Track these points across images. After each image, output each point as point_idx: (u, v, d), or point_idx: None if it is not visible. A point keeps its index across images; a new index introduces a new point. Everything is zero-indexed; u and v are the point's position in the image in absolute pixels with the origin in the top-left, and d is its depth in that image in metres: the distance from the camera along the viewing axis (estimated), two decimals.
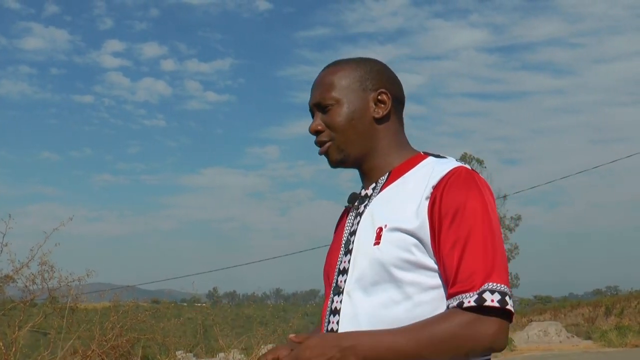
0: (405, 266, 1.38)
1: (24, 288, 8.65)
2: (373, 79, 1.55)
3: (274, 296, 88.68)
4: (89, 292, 10.49)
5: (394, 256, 1.39)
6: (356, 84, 1.54)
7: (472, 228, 1.36)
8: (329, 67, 1.59)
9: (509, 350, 19.72)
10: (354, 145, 1.53)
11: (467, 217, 1.36)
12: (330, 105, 1.54)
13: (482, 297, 1.31)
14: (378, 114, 1.54)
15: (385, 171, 1.54)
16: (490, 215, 1.39)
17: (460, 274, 1.34)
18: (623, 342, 20.23)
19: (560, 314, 34.42)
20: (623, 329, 21.97)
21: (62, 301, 9.51)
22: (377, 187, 1.54)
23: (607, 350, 19.03)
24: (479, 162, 35.44)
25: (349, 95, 1.53)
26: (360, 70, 1.55)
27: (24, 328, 7.99)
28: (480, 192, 1.40)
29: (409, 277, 1.39)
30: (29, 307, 8.81)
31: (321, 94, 1.55)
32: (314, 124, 1.56)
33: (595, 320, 30.60)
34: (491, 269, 1.33)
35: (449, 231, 1.36)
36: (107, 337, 8.95)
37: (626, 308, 30.21)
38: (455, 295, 1.34)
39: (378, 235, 1.43)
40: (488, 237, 1.36)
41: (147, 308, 11.14)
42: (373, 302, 1.41)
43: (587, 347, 21.05)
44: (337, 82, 1.54)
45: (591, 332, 25.22)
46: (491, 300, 1.31)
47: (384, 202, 1.49)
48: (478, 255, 1.34)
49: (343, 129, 1.53)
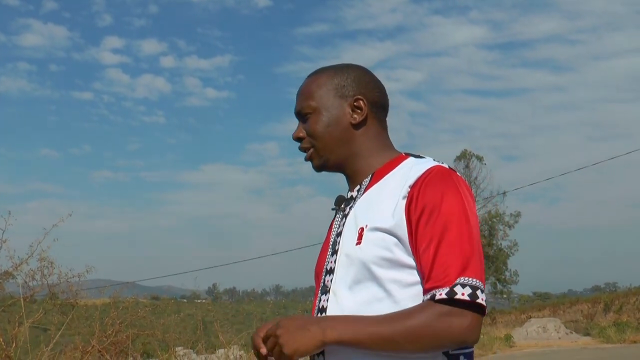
0: (385, 264, 1.43)
1: (23, 284, 8.68)
2: (349, 86, 1.61)
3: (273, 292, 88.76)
4: (89, 289, 10.54)
5: (374, 255, 1.44)
6: (332, 92, 1.60)
7: (448, 225, 1.39)
8: (310, 76, 1.66)
9: (507, 346, 19.77)
10: (333, 150, 1.60)
11: (442, 214, 1.40)
12: (308, 113, 1.61)
13: (453, 290, 1.35)
14: (355, 120, 1.59)
15: (369, 173, 1.59)
16: (467, 212, 1.42)
17: (434, 269, 1.37)
18: (621, 338, 20.26)
19: (559, 311, 34.53)
20: (621, 325, 22.01)
21: (62, 297, 9.54)
22: (361, 188, 1.59)
23: (605, 347, 19.07)
24: (479, 158, 35.40)
25: (326, 103, 1.60)
26: (337, 78, 1.61)
27: (24, 324, 7.98)
28: (457, 190, 1.44)
29: (390, 275, 1.43)
30: (29, 303, 8.83)
31: (300, 103, 1.63)
32: (296, 132, 1.65)
33: (594, 317, 30.66)
34: (465, 264, 1.37)
35: (425, 229, 1.40)
36: (107, 333, 8.97)
37: (625, 304, 30.30)
38: (430, 290, 1.37)
39: (360, 235, 1.48)
40: (464, 233, 1.40)
41: (147, 304, 11.18)
42: (357, 300, 1.45)
43: (585, 343, 21.09)
44: (315, 91, 1.61)
45: (590, 328, 25.27)
46: (462, 294, 1.34)
47: (366, 203, 1.54)
48: (453, 251, 1.38)
49: (320, 135, 1.60)
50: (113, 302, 9.85)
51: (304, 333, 1.38)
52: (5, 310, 8.86)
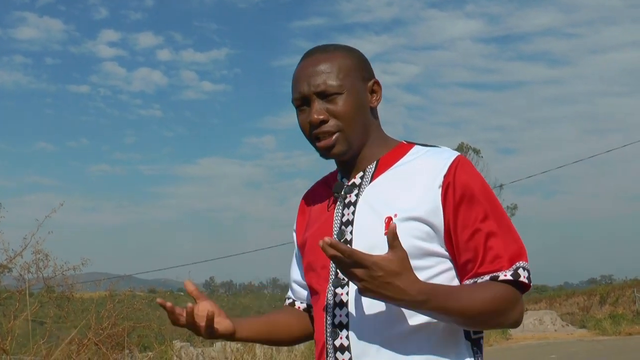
0: (418, 254, 1.38)
1: (18, 277, 8.66)
2: (365, 68, 1.52)
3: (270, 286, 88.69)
4: (85, 282, 10.52)
5: (409, 245, 1.35)
6: (355, 72, 1.49)
7: (493, 210, 1.42)
8: (321, 53, 1.50)
9: (504, 339, 19.82)
10: (358, 136, 1.49)
11: (485, 200, 1.42)
12: (336, 93, 1.46)
13: (517, 272, 1.38)
14: (373, 104, 1.52)
15: (373, 160, 1.52)
16: (496, 197, 1.47)
17: (489, 253, 1.39)
18: (617, 330, 20.34)
19: (555, 303, 34.62)
20: (617, 318, 22.08)
21: (58, 290, 9.51)
22: (366, 176, 1.51)
23: (601, 339, 19.12)
24: (476, 151, 35.47)
25: (354, 83, 1.48)
26: (354, 58, 1.51)
27: (19, 317, 7.95)
28: (482, 178, 1.47)
29: (421, 264, 1.38)
30: (25, 296, 8.80)
31: (327, 81, 1.46)
32: (318, 115, 1.46)
33: (589, 309, 30.78)
34: (520, 248, 1.41)
35: (470, 214, 1.40)
36: (103, 325, 8.94)
37: (620, 297, 30.39)
38: (485, 274, 1.38)
39: (387, 224, 1.41)
40: (506, 218, 1.44)
41: (143, 297, 11.15)
42: None
43: (581, 335, 21.16)
44: (341, 70, 1.47)
45: (586, 320, 25.36)
46: (524, 277, 1.39)
47: (383, 192, 1.46)
48: (506, 236, 1.41)
49: (352, 119, 1.46)
50: (109, 294, 9.81)
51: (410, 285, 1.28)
52: (1, 303, 8.82)
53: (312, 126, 1.47)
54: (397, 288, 1.27)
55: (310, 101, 1.47)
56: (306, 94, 1.47)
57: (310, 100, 1.47)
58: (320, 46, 1.53)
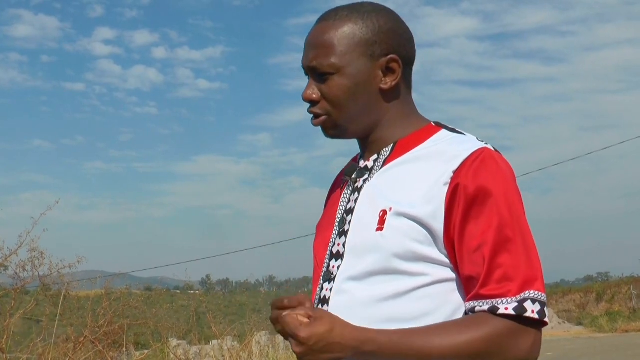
0: (410, 257, 1.19)
1: (14, 275, 8.63)
2: (382, 42, 1.27)
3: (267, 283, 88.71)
4: (81, 280, 10.51)
5: (399, 246, 1.19)
6: (361, 48, 1.26)
7: (508, 223, 1.16)
8: (329, 19, 1.30)
9: None
10: (354, 120, 1.30)
11: (500, 209, 1.16)
12: (328, 73, 1.27)
13: (522, 306, 1.13)
14: (386, 85, 1.28)
15: (390, 142, 1.30)
16: (521, 207, 1.20)
17: (493, 274, 1.14)
18: (614, 327, 20.41)
19: (551, 300, 34.60)
20: (614, 315, 22.18)
21: (54, 288, 9.50)
22: (380, 159, 1.31)
23: (598, 336, 19.18)
24: None
25: (353, 62, 1.26)
26: (367, 29, 1.27)
27: (15, 315, 7.95)
28: (507, 180, 1.20)
29: (413, 269, 1.19)
30: (21, 295, 8.79)
31: (318, 57, 1.28)
32: (308, 92, 1.30)
33: (586, 307, 30.80)
34: (533, 273, 1.16)
35: (477, 225, 1.16)
36: (100, 323, 8.94)
37: (617, 294, 30.40)
38: (487, 298, 1.15)
39: (381, 219, 1.22)
40: (527, 235, 1.18)
41: (139, 295, 11.16)
42: (370, 294, 1.21)
43: (578, 332, 21.21)
44: (338, 45, 1.26)
45: (582, 318, 25.43)
46: (532, 311, 1.13)
47: (388, 180, 1.27)
48: (518, 257, 1.15)
49: (343, 103, 1.27)
50: (105, 292, 9.81)
51: (336, 348, 1.11)
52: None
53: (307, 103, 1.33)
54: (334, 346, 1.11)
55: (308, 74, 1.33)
56: (303, 66, 1.32)
57: (307, 74, 1.33)
58: (336, 10, 1.32)
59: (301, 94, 1.31)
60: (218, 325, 9.67)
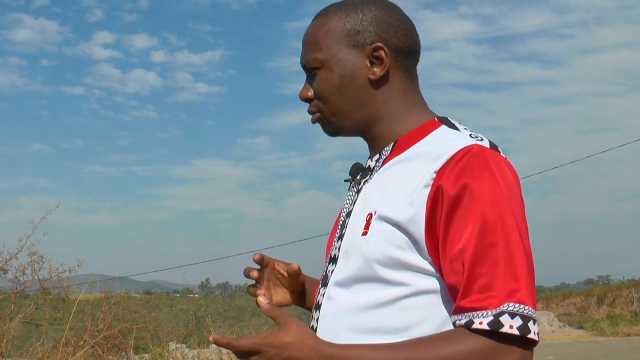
0: (394, 264, 1.13)
1: (14, 279, 8.64)
2: (366, 31, 1.24)
3: None
4: (80, 283, 10.48)
5: (381, 252, 1.13)
6: (344, 40, 1.25)
7: (490, 228, 1.07)
8: (317, 17, 1.30)
9: None
10: (346, 115, 1.26)
11: (482, 213, 1.07)
12: (315, 68, 1.26)
13: (498, 320, 1.02)
14: (374, 75, 1.24)
15: (391, 140, 1.25)
16: (512, 210, 1.09)
17: (472, 284, 1.05)
18: (615, 331, 20.37)
19: (552, 304, 34.55)
20: (615, 318, 22.14)
21: (53, 292, 9.51)
22: (381, 159, 1.26)
23: (599, 340, 19.14)
24: None
25: (337, 55, 1.25)
26: (350, 20, 1.25)
27: (15, 319, 7.95)
28: (497, 181, 1.10)
29: (397, 277, 1.13)
30: (20, 298, 8.80)
31: (305, 54, 1.29)
32: (302, 91, 1.30)
33: (587, 310, 30.76)
34: (515, 284, 1.04)
35: (457, 230, 1.08)
36: (99, 327, 8.95)
37: (618, 297, 30.36)
38: (465, 311, 1.05)
39: (367, 223, 1.18)
40: (513, 241, 1.07)
41: (139, 299, 11.17)
42: (354, 302, 1.17)
43: (579, 336, 21.16)
44: (323, 40, 1.25)
45: (583, 321, 25.38)
46: (510, 327, 1.02)
47: (380, 182, 1.22)
48: (497, 264, 1.05)
49: (330, 98, 1.26)
50: (105, 296, 9.85)
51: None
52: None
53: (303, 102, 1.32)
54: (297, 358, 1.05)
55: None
56: (301, 66, 1.33)
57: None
58: (327, 7, 1.31)
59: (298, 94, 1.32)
60: (217, 329, 9.71)
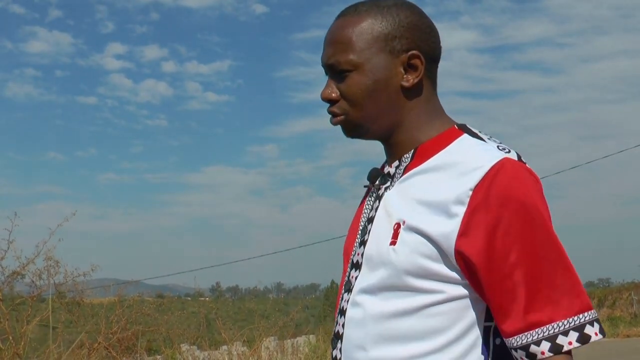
0: (423, 274, 1.13)
1: (30, 283, 8.86)
2: (403, 37, 1.21)
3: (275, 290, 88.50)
4: (95, 287, 10.74)
5: (410, 262, 1.13)
6: (380, 44, 1.21)
7: (539, 246, 1.09)
8: (348, 15, 1.24)
9: None
10: (375, 120, 1.23)
11: (528, 230, 1.09)
12: (347, 71, 1.21)
13: (556, 342, 1.09)
14: (408, 82, 1.21)
15: (411, 147, 1.24)
16: (549, 224, 1.12)
17: (535, 298, 1.08)
18: (615, 333, 20.45)
19: None
20: (615, 320, 22.20)
21: (69, 296, 9.76)
22: (401, 166, 1.24)
23: (599, 341, 19.21)
24: None
25: (372, 58, 1.21)
26: (386, 24, 1.21)
27: (32, 322, 8.12)
28: (533, 196, 1.11)
29: (427, 286, 1.13)
30: (37, 302, 9.01)
31: (336, 54, 1.22)
32: (327, 91, 1.24)
33: None
34: (580, 300, 1.10)
35: (504, 247, 1.08)
36: (113, 330, 9.15)
37: (618, 299, 30.41)
38: (534, 327, 1.09)
39: (395, 232, 1.17)
40: (562, 251, 1.12)
41: (151, 302, 11.34)
42: (383, 310, 1.17)
43: None
44: (356, 41, 1.21)
45: None
46: (595, 334, 1.11)
47: (405, 190, 1.21)
48: (548, 280, 1.08)
49: (361, 102, 1.22)
50: (118, 300, 9.96)
51: None
52: (15, 308, 9.05)
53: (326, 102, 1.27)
54: None
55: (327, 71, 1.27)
56: (322, 63, 1.27)
57: (326, 72, 1.27)
58: (355, 5, 1.26)
59: (320, 93, 1.27)
60: (227, 331, 9.70)
